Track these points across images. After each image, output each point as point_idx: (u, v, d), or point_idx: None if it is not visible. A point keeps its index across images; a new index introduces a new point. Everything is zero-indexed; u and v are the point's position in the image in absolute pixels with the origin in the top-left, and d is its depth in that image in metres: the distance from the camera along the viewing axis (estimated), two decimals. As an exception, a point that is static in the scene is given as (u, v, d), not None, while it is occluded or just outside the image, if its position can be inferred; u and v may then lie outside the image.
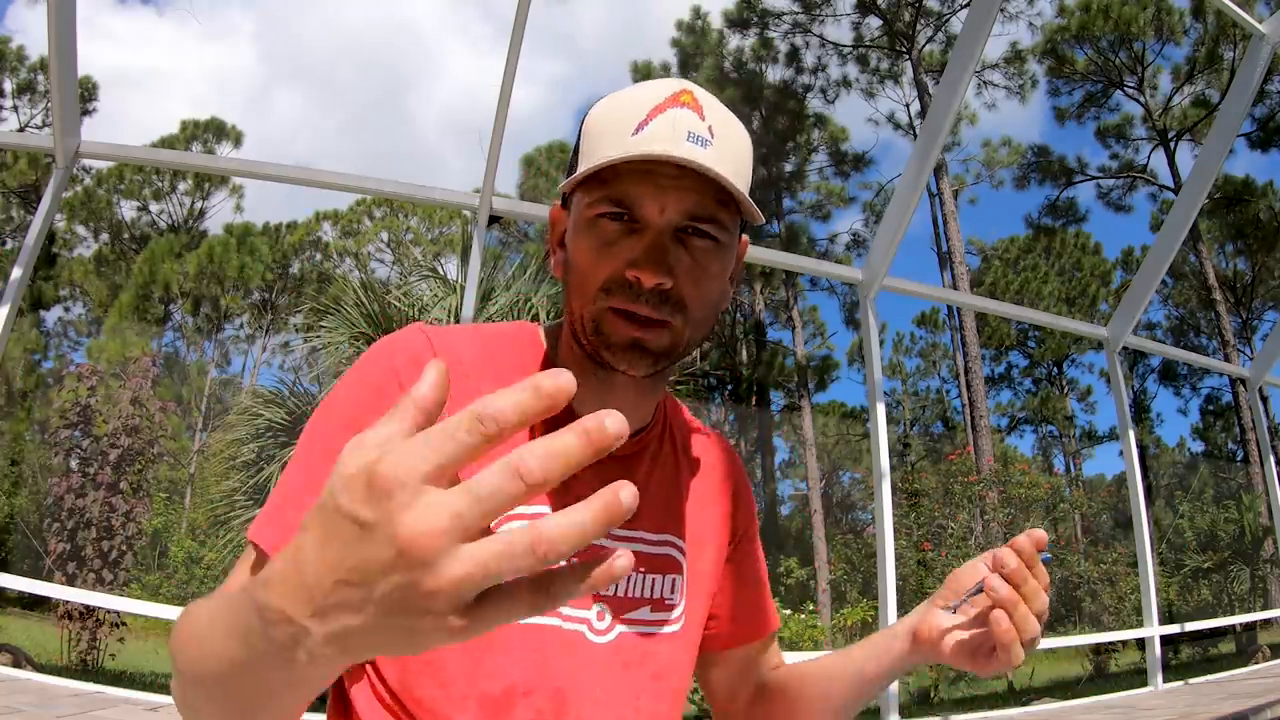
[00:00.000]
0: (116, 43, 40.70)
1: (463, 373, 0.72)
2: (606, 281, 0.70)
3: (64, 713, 3.07)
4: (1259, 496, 13.03)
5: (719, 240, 0.72)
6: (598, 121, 0.73)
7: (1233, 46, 18.43)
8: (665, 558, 0.80)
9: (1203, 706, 4.44)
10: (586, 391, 0.75)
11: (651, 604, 0.78)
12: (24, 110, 21.70)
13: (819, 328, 25.03)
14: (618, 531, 0.75)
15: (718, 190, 0.70)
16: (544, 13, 38.50)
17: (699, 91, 0.72)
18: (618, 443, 0.33)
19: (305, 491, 0.66)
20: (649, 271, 0.68)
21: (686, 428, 0.89)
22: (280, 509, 0.66)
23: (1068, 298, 23.03)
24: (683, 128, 0.69)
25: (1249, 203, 20.32)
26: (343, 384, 0.72)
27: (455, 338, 0.75)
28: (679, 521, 0.83)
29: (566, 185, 0.74)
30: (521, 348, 0.79)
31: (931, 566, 12.58)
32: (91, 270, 24.06)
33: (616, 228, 0.70)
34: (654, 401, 0.82)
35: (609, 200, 0.70)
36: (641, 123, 0.69)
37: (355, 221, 25.89)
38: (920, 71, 19.87)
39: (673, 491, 0.83)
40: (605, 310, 0.70)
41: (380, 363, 0.71)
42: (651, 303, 0.69)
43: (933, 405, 28.16)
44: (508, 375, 0.73)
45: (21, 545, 14.03)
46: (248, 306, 24.89)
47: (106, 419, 8.85)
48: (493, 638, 0.68)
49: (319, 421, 0.70)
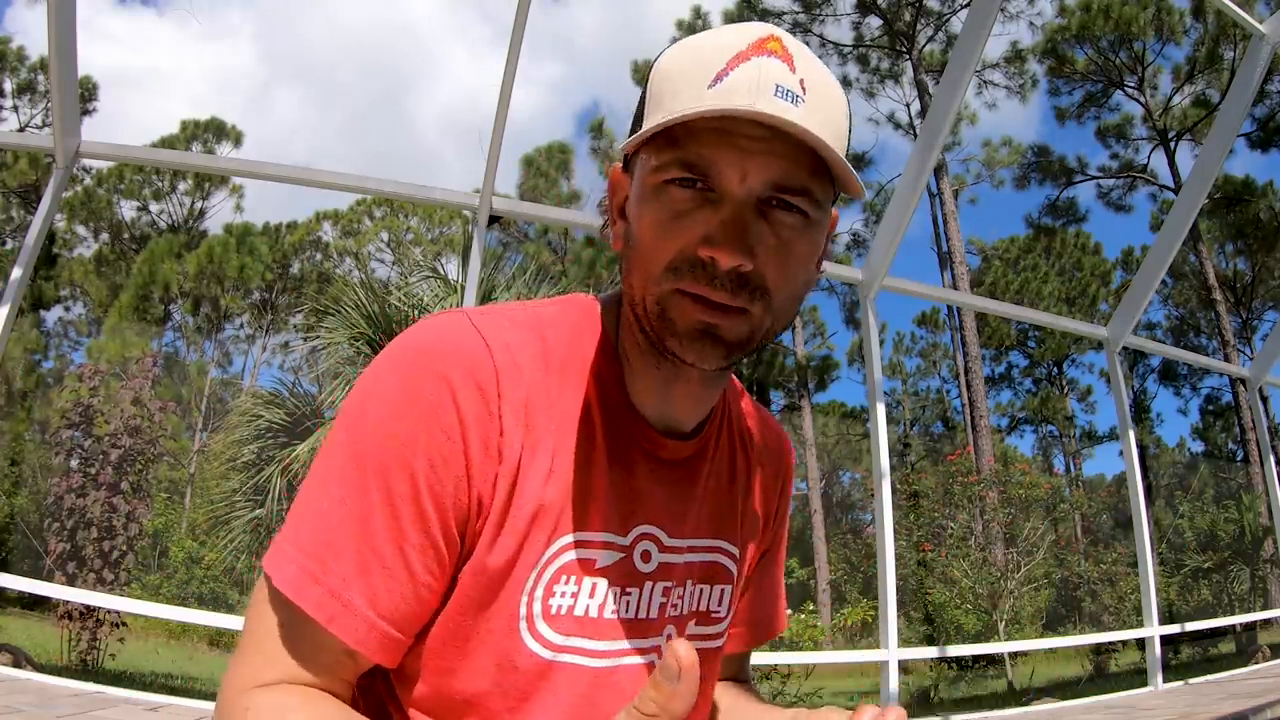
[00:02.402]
0: (116, 43, 40.74)
1: (521, 380, 0.62)
2: (675, 260, 0.60)
3: (64, 713, 3.07)
4: (1259, 496, 13.03)
5: (809, 216, 0.61)
6: (669, 70, 0.61)
7: (1233, 46, 18.43)
8: (716, 566, 0.74)
9: (1203, 706, 4.44)
10: (648, 384, 0.68)
11: (697, 617, 0.72)
12: (24, 110, 21.72)
13: (819, 328, 25.05)
14: (672, 541, 0.69)
15: (811, 157, 0.59)
16: (543, 14, 38.54)
17: (788, 38, 0.61)
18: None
19: (357, 544, 0.57)
20: (726, 251, 0.58)
21: (746, 414, 0.82)
22: (323, 560, 0.56)
23: (1068, 298, 23.04)
24: (770, 80, 0.57)
25: (1249, 203, 20.32)
26: (382, 396, 0.60)
27: (510, 335, 0.64)
28: (733, 524, 0.76)
29: (630, 144, 0.62)
30: (580, 336, 0.68)
31: (931, 566, 12.58)
32: (91, 270, 24.06)
33: (688, 196, 0.59)
34: (719, 393, 0.73)
35: (680, 164, 0.59)
36: (721, 72, 0.58)
37: (355, 221, 25.90)
38: (920, 71, 19.87)
39: (729, 492, 0.76)
40: (672, 292, 0.60)
41: (430, 375, 0.59)
42: (728, 287, 0.59)
43: (933, 405, 28.17)
44: (570, 374, 0.66)
45: (22, 545, 14.03)
46: (248, 306, 24.90)
47: (107, 419, 8.85)
48: (533, 686, 0.63)
49: (361, 445, 0.59)
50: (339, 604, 0.56)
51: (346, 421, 0.60)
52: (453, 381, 0.59)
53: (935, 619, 13.37)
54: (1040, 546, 11.76)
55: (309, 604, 0.56)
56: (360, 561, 0.57)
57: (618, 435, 0.67)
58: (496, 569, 0.60)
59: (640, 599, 0.67)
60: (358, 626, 0.56)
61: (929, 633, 13.66)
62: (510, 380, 0.61)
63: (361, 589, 0.56)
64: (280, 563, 0.57)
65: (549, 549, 0.62)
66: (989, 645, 9.70)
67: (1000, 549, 11.99)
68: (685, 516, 0.71)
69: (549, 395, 0.64)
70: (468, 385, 0.59)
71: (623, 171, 0.68)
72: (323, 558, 0.57)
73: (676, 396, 0.68)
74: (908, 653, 6.49)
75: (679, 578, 0.70)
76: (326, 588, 0.56)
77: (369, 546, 0.57)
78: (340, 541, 0.57)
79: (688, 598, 0.71)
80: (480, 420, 0.59)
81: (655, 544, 0.68)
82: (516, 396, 0.61)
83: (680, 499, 0.70)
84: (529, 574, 0.61)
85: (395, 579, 0.57)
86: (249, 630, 0.58)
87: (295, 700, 0.56)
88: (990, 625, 11.89)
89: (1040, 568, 12.15)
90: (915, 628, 14.16)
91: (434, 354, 0.60)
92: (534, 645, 0.62)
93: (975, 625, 12.90)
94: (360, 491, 0.57)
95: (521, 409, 0.61)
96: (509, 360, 0.62)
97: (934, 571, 12.59)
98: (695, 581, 0.72)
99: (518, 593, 0.61)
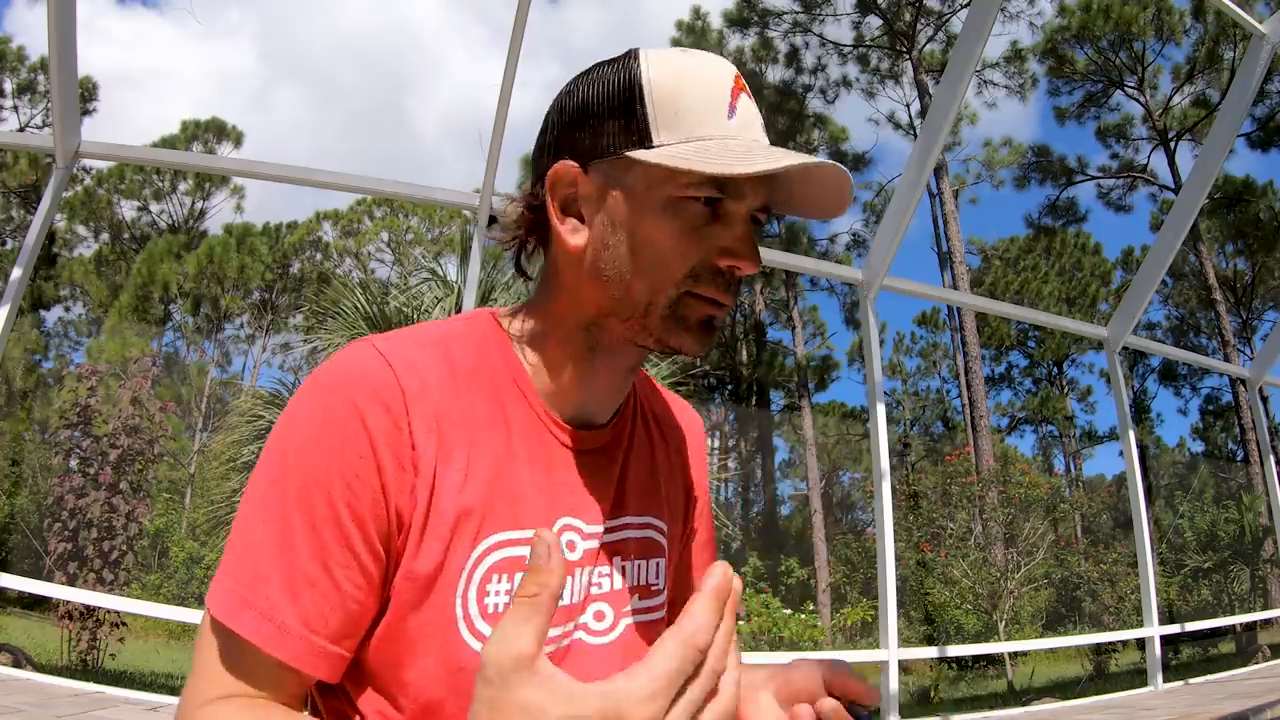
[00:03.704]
0: (116, 43, 40.73)
1: (428, 395, 0.65)
2: (696, 268, 0.66)
3: (64, 713, 3.07)
4: (1259, 496, 13.03)
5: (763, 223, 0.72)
6: (678, 88, 0.66)
7: (1233, 46, 18.43)
8: (649, 541, 0.78)
9: (1203, 706, 4.44)
10: (571, 381, 0.72)
11: (640, 591, 0.76)
12: (24, 110, 21.72)
13: (819, 328, 25.07)
14: (593, 528, 0.73)
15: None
16: (543, 14, 38.54)
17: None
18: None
19: (283, 566, 0.60)
20: (749, 263, 0.67)
21: (654, 396, 0.87)
22: (253, 585, 0.60)
23: (1068, 298, 23.04)
24: (756, 115, 0.68)
25: (1249, 203, 20.32)
26: (299, 426, 0.63)
27: (415, 355, 0.67)
28: (658, 500, 0.80)
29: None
30: (485, 347, 0.71)
31: (931, 567, 12.58)
32: (91, 270, 24.07)
33: (704, 211, 0.66)
34: (632, 381, 0.78)
35: (712, 184, 0.65)
36: (730, 105, 0.66)
37: (355, 221, 25.90)
38: (920, 71, 19.87)
39: (650, 469, 0.81)
40: (685, 295, 0.67)
41: (340, 402, 0.62)
42: (734, 291, 0.69)
43: (933, 405, 28.16)
44: (479, 384, 0.69)
45: (22, 545, 14.03)
46: (248, 306, 24.90)
47: (107, 419, 8.84)
48: None
49: (282, 473, 0.62)
50: (272, 625, 0.59)
51: (270, 453, 0.64)
52: (361, 406, 0.62)
53: (935, 619, 13.38)
54: (1040, 546, 11.76)
55: (244, 628, 0.59)
56: (288, 582, 0.60)
57: (531, 434, 0.71)
58: (426, 574, 0.63)
59: (573, 587, 0.71)
60: (293, 645, 0.59)
61: (929, 633, 13.66)
62: (417, 397, 0.64)
63: (292, 608, 0.59)
64: (217, 592, 0.61)
65: (474, 550, 0.65)
66: (989, 645, 9.70)
67: (1000, 549, 11.98)
68: (608, 500, 0.75)
69: (459, 406, 0.67)
70: (375, 408, 0.62)
71: (582, 172, 0.68)
72: (252, 583, 0.60)
73: (599, 389, 0.74)
74: (908, 653, 6.48)
75: (604, 559, 0.74)
76: (259, 610, 0.59)
77: (295, 567, 0.60)
78: (267, 566, 0.60)
79: (626, 573, 0.75)
80: (390, 438, 0.62)
81: (578, 533, 0.71)
82: (425, 411, 0.64)
83: (602, 485, 0.74)
84: (459, 576, 0.64)
85: (323, 595, 0.60)
86: (198, 655, 0.62)
87: (235, 708, 0.59)
88: (990, 625, 11.89)
89: (1040, 568, 12.15)
90: (915, 628, 14.16)
91: (343, 383, 0.64)
92: (476, 644, 0.64)
93: (975, 625, 12.91)
94: (283, 517, 0.61)
95: (432, 422, 0.65)
96: (415, 380, 0.65)
97: (934, 571, 12.58)
98: (634, 558, 0.76)
99: (450, 594, 0.64)
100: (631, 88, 0.66)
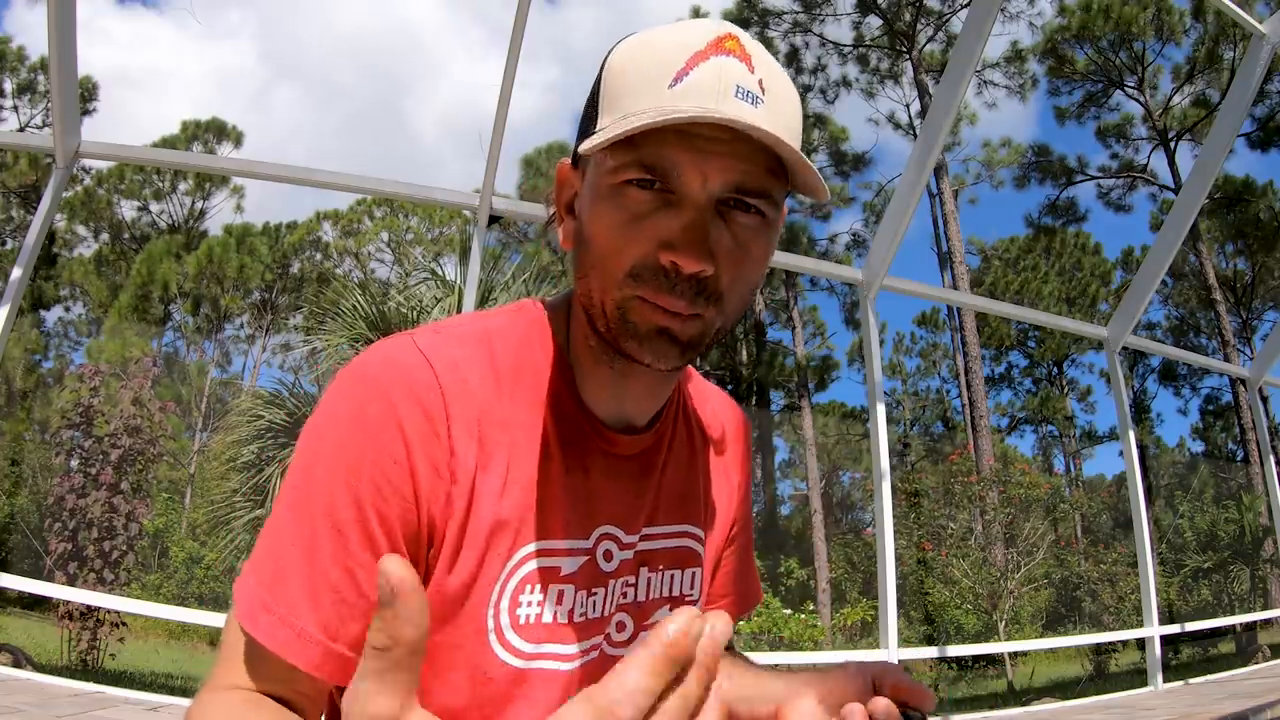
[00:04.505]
0: (116, 43, 40.73)
1: (470, 397, 0.61)
2: (636, 266, 0.59)
3: (64, 713, 3.07)
4: (1259, 496, 13.02)
5: (766, 216, 0.61)
6: (625, 66, 0.60)
7: (1233, 46, 18.43)
8: (684, 551, 0.75)
9: (1203, 706, 4.44)
10: (602, 382, 0.68)
11: (671, 602, 0.73)
12: (24, 110, 21.71)
13: (819, 328, 25.05)
14: (630, 538, 0.70)
15: (769, 157, 0.59)
16: (542, 15, 38.53)
17: (744, 36, 0.60)
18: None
19: (305, 569, 0.57)
20: (688, 256, 0.57)
21: (699, 396, 0.82)
22: (274, 589, 0.57)
23: (1068, 298, 23.03)
24: (730, 80, 0.57)
25: (1249, 203, 20.31)
26: (332, 423, 0.60)
27: (456, 352, 0.63)
28: (696, 508, 0.76)
29: (588, 148, 0.59)
30: (529, 344, 0.68)
31: (931, 566, 12.58)
32: (91, 270, 24.06)
33: (647, 197, 0.58)
34: (673, 385, 0.73)
35: (639, 165, 0.58)
36: (680, 72, 0.57)
37: (355, 221, 25.88)
38: (920, 71, 19.87)
39: (690, 476, 0.77)
40: (633, 298, 0.59)
41: (376, 402, 0.59)
42: (687, 295, 0.59)
43: (933, 405, 28.15)
44: (521, 384, 0.66)
45: (22, 545, 14.02)
46: (248, 306, 24.89)
47: (107, 419, 8.84)
48: (508, 694, 0.64)
49: (311, 473, 0.59)
50: (289, 631, 0.57)
51: (302, 450, 0.61)
52: (397, 407, 0.59)
53: (935, 619, 13.38)
54: (1040, 546, 11.76)
55: (260, 633, 0.57)
56: (310, 588, 0.57)
57: (573, 439, 0.67)
58: (458, 586, 0.61)
59: (605, 598, 0.68)
60: (310, 651, 0.57)
61: (929, 633, 13.65)
62: (458, 399, 0.61)
63: (312, 614, 0.57)
64: (241, 590, 0.59)
65: (510, 560, 0.63)
66: (989, 645, 9.71)
67: (1000, 549, 11.98)
68: (646, 508, 0.72)
69: (501, 408, 0.64)
70: (413, 410, 0.59)
71: (573, 168, 0.66)
72: (274, 586, 0.58)
73: (631, 393, 0.69)
74: (908, 653, 6.48)
75: (637, 569, 0.71)
76: (277, 615, 0.57)
77: (318, 572, 0.58)
78: (290, 570, 0.58)
79: (655, 584, 0.72)
80: (426, 443, 0.59)
81: (615, 543, 0.69)
82: (467, 415, 0.61)
83: (639, 492, 0.71)
84: (492, 587, 0.62)
85: (346, 602, 0.58)
86: (223, 642, 0.61)
87: (236, 700, 0.58)
88: (990, 625, 11.89)
89: (1040, 568, 12.15)
90: (915, 628, 14.16)
91: (380, 380, 0.60)
92: (505, 655, 0.63)
93: (975, 625, 12.91)
94: (309, 520, 0.58)
95: (474, 425, 0.61)
96: (456, 379, 0.61)
97: (934, 571, 12.59)
98: (666, 568, 0.73)
99: (483, 606, 0.62)
100: (598, 78, 0.63)
